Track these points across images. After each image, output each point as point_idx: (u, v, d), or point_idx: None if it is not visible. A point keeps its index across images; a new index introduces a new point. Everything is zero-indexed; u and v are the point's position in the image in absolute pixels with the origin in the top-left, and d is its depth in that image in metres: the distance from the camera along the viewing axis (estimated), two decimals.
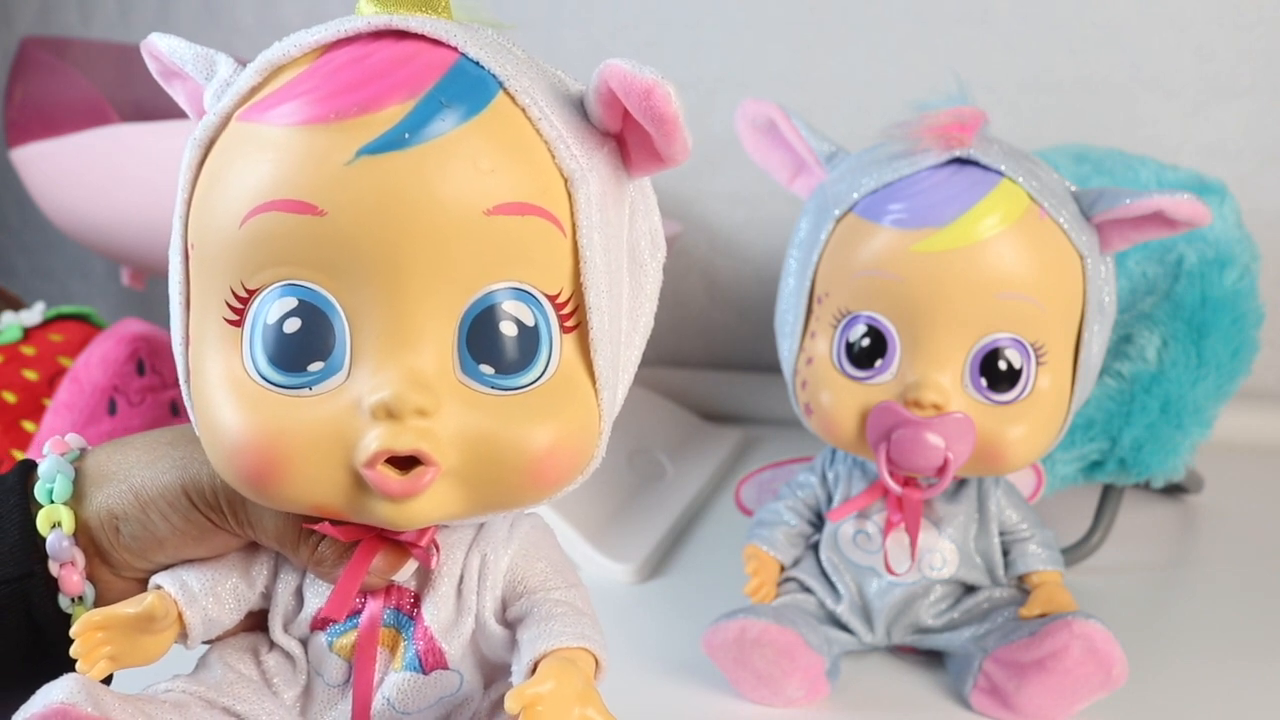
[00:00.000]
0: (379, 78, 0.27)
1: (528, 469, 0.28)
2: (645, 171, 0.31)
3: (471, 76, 0.28)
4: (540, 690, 0.28)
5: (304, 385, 0.28)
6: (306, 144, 0.27)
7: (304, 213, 0.27)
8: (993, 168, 0.43)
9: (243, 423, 0.28)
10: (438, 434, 0.27)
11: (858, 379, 0.45)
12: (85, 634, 0.29)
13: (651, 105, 0.27)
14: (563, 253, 0.29)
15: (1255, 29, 0.80)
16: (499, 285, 0.28)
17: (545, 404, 0.29)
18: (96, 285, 1.11)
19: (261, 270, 0.28)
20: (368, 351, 0.28)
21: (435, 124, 0.27)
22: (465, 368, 0.28)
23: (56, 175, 0.74)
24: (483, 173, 0.27)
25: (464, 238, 0.27)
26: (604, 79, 0.28)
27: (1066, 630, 0.42)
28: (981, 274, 0.42)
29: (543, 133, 0.28)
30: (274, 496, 0.28)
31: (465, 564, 0.33)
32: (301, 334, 0.28)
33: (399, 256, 0.27)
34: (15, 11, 1.07)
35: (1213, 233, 0.60)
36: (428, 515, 0.28)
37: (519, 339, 0.28)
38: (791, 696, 0.46)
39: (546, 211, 0.28)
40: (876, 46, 0.86)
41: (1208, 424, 0.60)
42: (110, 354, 0.56)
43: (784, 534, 0.50)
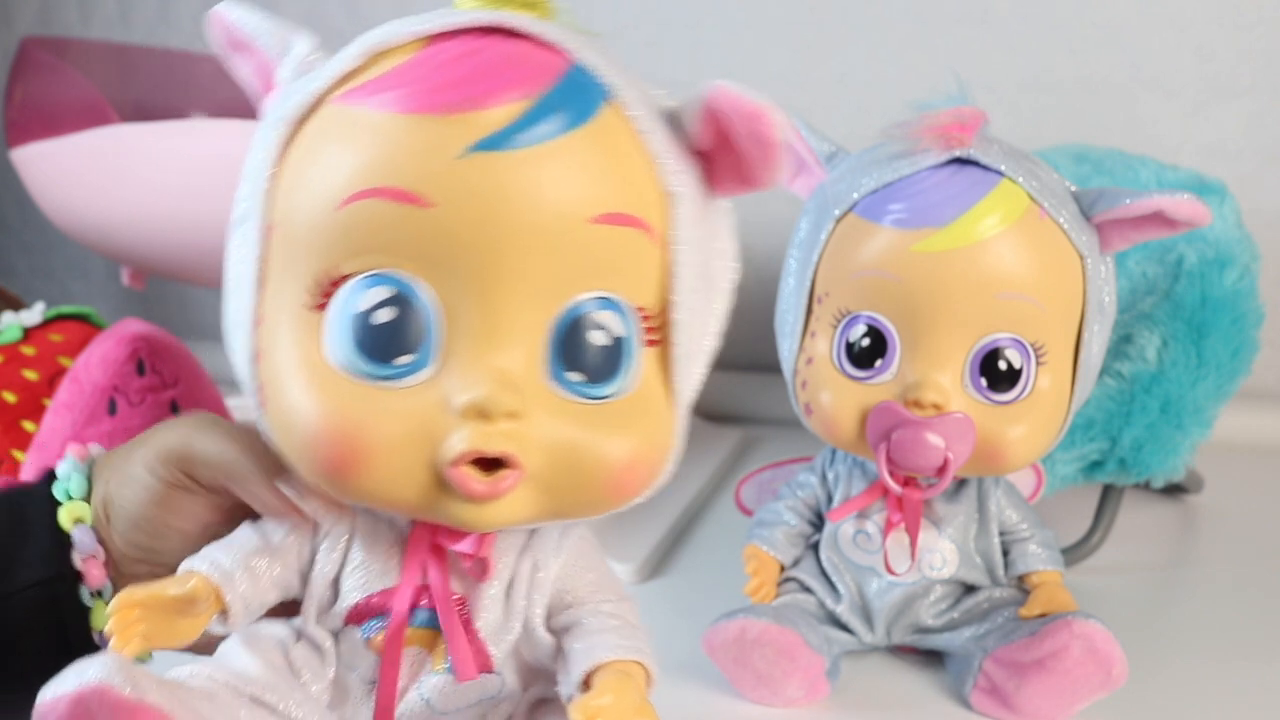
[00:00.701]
0: (492, 75, 0.27)
1: (607, 480, 0.29)
2: (729, 192, 0.31)
3: (582, 84, 0.28)
4: (602, 703, 0.28)
5: (390, 377, 0.27)
6: (416, 134, 0.27)
7: (410, 203, 0.26)
8: (993, 168, 0.43)
9: (322, 411, 0.27)
10: (525, 438, 0.27)
11: (858, 379, 0.45)
12: (122, 611, 0.28)
13: (759, 130, 0.28)
14: (655, 267, 0.29)
15: (1255, 29, 0.80)
16: (594, 294, 0.28)
17: (627, 416, 0.29)
18: (96, 285, 1.11)
19: (356, 257, 0.27)
20: (458, 349, 0.27)
21: (546, 127, 0.27)
22: (553, 373, 0.28)
23: (56, 175, 0.74)
24: (591, 181, 0.27)
25: (565, 243, 0.27)
26: (711, 98, 0.28)
27: (1066, 630, 0.42)
28: (981, 274, 0.42)
29: (647, 146, 0.29)
30: (351, 488, 0.28)
31: (516, 569, 0.33)
32: (393, 325, 0.27)
33: (501, 255, 0.27)
34: (15, 11, 1.07)
35: (1213, 233, 0.60)
36: (503, 519, 0.28)
37: (608, 349, 0.29)
38: (791, 696, 0.46)
39: (646, 224, 0.28)
40: (876, 46, 0.86)
41: (1208, 424, 0.60)
42: (110, 354, 0.56)
43: (784, 534, 0.50)
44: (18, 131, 0.77)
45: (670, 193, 0.29)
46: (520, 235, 0.27)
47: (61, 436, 0.55)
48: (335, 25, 0.98)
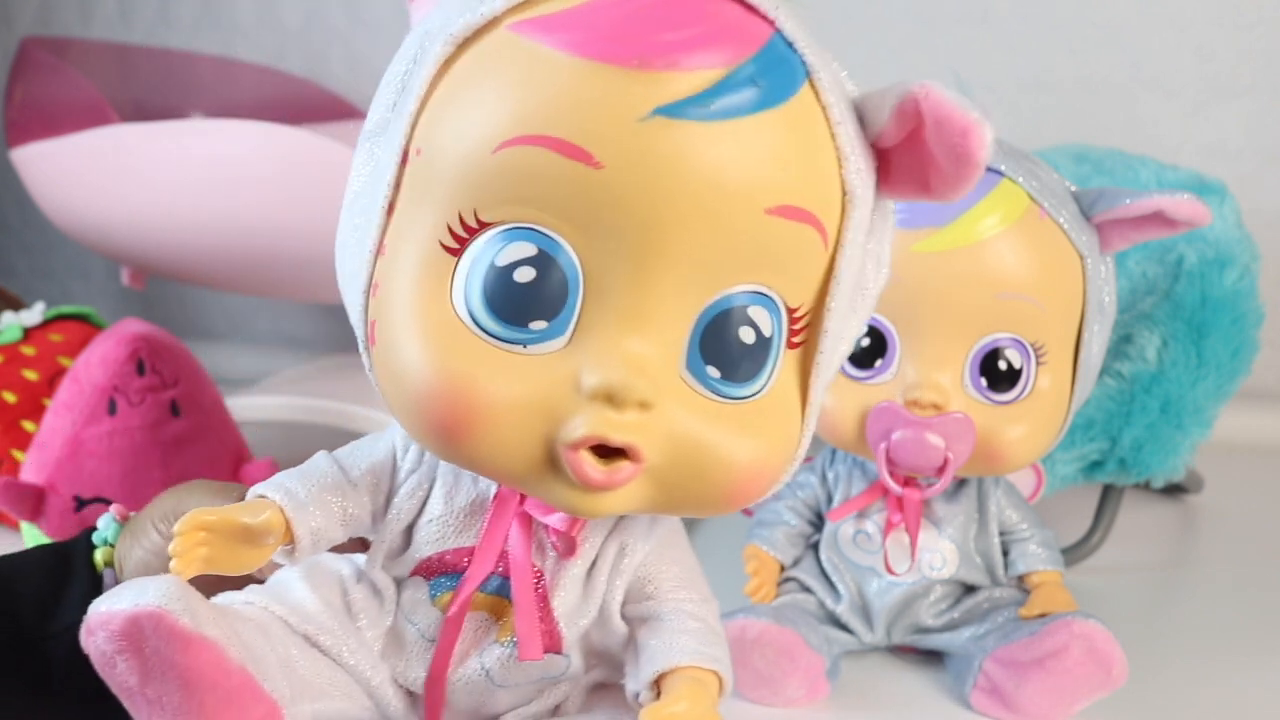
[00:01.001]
0: (688, 31, 0.24)
1: (727, 483, 0.27)
2: (898, 195, 0.29)
3: (784, 58, 0.26)
4: (676, 710, 0.28)
5: (520, 342, 0.25)
6: (596, 83, 0.24)
7: (578, 159, 0.24)
8: (993, 168, 0.43)
9: (438, 366, 0.25)
10: (652, 430, 0.25)
11: (858, 379, 0.45)
12: (188, 532, 0.27)
13: (963, 145, 0.25)
14: (818, 267, 0.27)
15: (1255, 29, 0.80)
16: (750, 287, 0.26)
17: (759, 418, 0.27)
18: (96, 285, 1.11)
19: (506, 205, 0.25)
20: (597, 324, 0.25)
21: (740, 100, 0.24)
22: (691, 365, 0.26)
23: (56, 175, 0.74)
24: (778, 168, 0.25)
25: (735, 230, 0.25)
26: (918, 99, 0.26)
27: (1066, 630, 0.42)
28: (981, 274, 0.42)
29: (837, 139, 0.26)
30: (458, 452, 0.26)
31: (602, 550, 0.31)
32: (533, 286, 0.25)
33: (663, 231, 0.25)
34: (15, 11, 1.07)
35: (1213, 233, 0.60)
36: (612, 509, 0.27)
37: (754, 347, 0.27)
38: (791, 696, 0.46)
39: (820, 223, 0.26)
40: (876, 46, 0.86)
41: (1208, 424, 0.60)
42: (110, 354, 0.56)
43: (784, 534, 0.50)
44: (18, 131, 0.77)
45: (851, 193, 0.27)
46: (689, 213, 0.24)
47: (62, 436, 0.55)
48: (335, 25, 0.98)
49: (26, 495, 0.55)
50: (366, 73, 0.98)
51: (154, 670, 0.25)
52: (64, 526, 0.55)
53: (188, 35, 1.00)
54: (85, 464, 0.55)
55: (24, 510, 0.55)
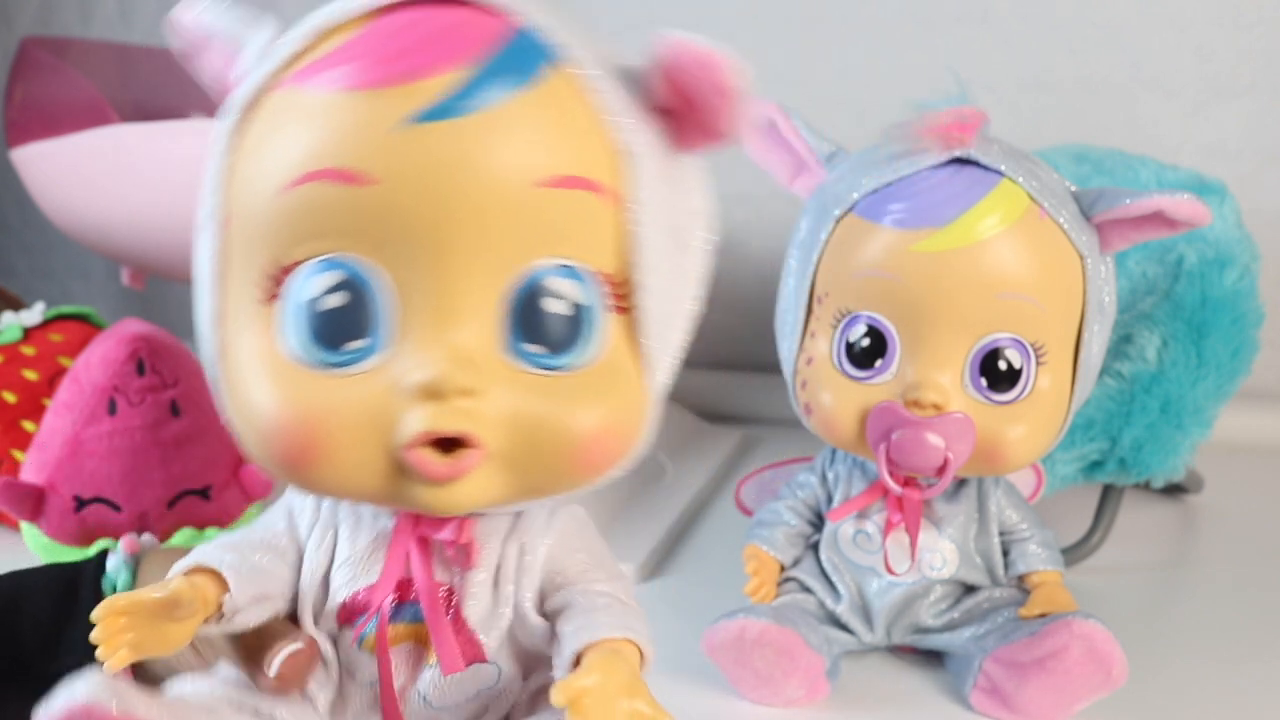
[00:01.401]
0: (432, 43, 0.26)
1: (574, 453, 0.27)
2: (696, 149, 0.30)
3: (527, 45, 0.27)
4: (586, 683, 0.27)
5: (343, 364, 0.27)
6: (356, 111, 0.26)
7: (351, 182, 0.26)
8: (993, 168, 0.43)
9: (278, 403, 0.26)
10: (483, 414, 0.26)
11: (858, 379, 0.45)
12: (107, 619, 0.27)
13: (714, 80, 0.27)
14: (614, 230, 0.28)
15: (1255, 29, 0.80)
16: (549, 261, 0.27)
17: (593, 386, 0.28)
18: (96, 285, 1.11)
19: (302, 244, 0.26)
20: (411, 329, 0.26)
21: (488, 93, 0.26)
22: (511, 347, 0.27)
23: (56, 175, 0.74)
24: (536, 145, 0.26)
25: (513, 211, 0.26)
26: (667, 51, 0.27)
27: (1066, 630, 0.42)
28: (981, 274, 0.42)
29: (599, 105, 0.27)
30: (311, 480, 0.27)
31: (502, 554, 0.32)
32: (343, 310, 0.26)
33: (447, 229, 0.26)
34: (15, 11, 1.07)
35: (1213, 233, 0.60)
36: (470, 501, 0.27)
37: (568, 318, 0.27)
38: (791, 696, 0.46)
39: (600, 186, 0.27)
40: (876, 46, 0.86)
41: (1208, 424, 0.60)
42: (110, 354, 0.56)
43: (784, 534, 0.50)
44: (18, 131, 0.77)
45: (624, 151, 0.27)
46: (465, 206, 0.26)
47: (61, 436, 0.55)
48: None
49: (26, 495, 0.55)
50: None
51: None
52: (64, 526, 0.55)
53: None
54: (85, 464, 0.55)
55: (24, 510, 0.55)
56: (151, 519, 0.56)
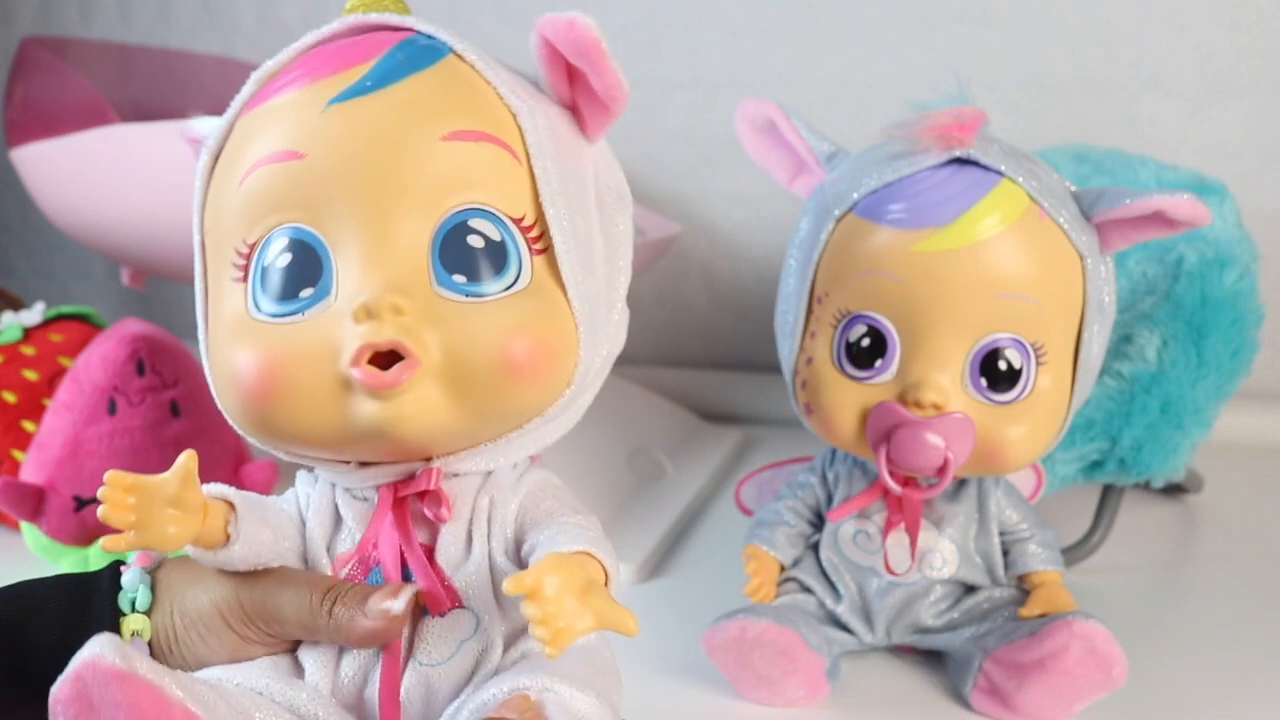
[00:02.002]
0: (350, 49, 0.32)
1: (504, 364, 0.30)
2: (598, 126, 0.34)
3: (423, 43, 0.32)
4: (540, 575, 0.27)
5: (298, 311, 0.30)
6: (288, 106, 0.31)
7: (287, 160, 0.31)
8: (993, 168, 0.43)
9: (245, 355, 0.30)
10: (417, 332, 0.29)
11: (858, 379, 0.45)
12: (115, 493, 0.30)
13: (576, 35, 0.31)
14: (521, 181, 0.32)
15: (1255, 29, 0.80)
16: (464, 206, 0.31)
17: (518, 308, 0.31)
18: (96, 285, 1.11)
19: (257, 222, 0.31)
20: (350, 273, 0.30)
21: (392, 75, 0.31)
22: (440, 279, 0.30)
23: (56, 175, 0.74)
24: (436, 106, 0.31)
25: (424, 161, 0.30)
26: (538, 31, 0.31)
27: (1066, 630, 0.42)
28: (981, 274, 0.42)
29: (489, 80, 0.32)
30: (275, 422, 0.31)
31: (474, 507, 0.34)
32: (292, 265, 0.31)
33: (369, 184, 0.30)
34: (15, 11, 1.07)
35: (1213, 233, 0.60)
36: (415, 416, 0.30)
37: (486, 250, 0.31)
38: (792, 696, 0.46)
39: (499, 139, 0.31)
40: (876, 46, 0.86)
41: (1208, 424, 0.60)
42: (110, 354, 0.56)
43: (784, 534, 0.50)
44: (18, 131, 0.77)
45: (518, 112, 0.32)
46: (383, 163, 0.30)
47: (62, 436, 0.55)
48: None
49: (26, 495, 0.55)
50: None
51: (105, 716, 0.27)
52: (64, 527, 0.55)
53: (188, 35, 1.00)
54: (85, 464, 0.55)
55: (24, 510, 0.55)
56: None
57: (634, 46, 0.91)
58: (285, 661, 0.33)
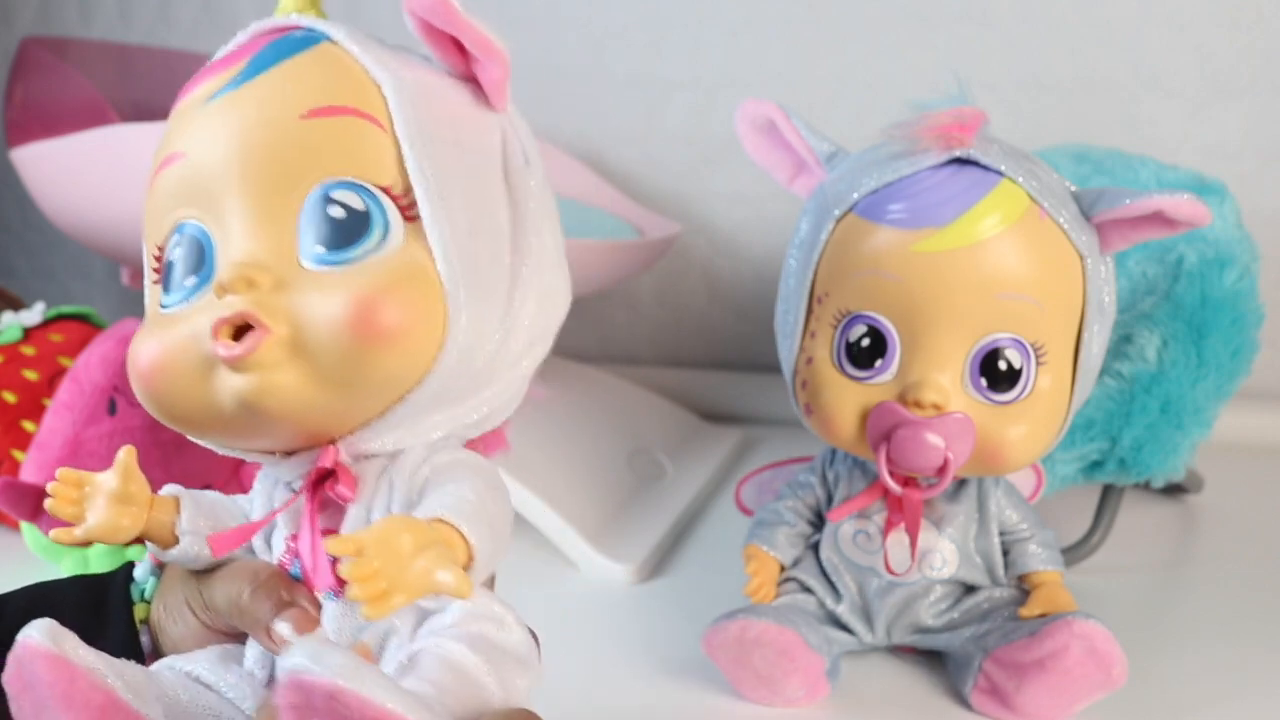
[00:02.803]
0: (236, 52, 0.33)
1: (349, 328, 0.29)
2: (496, 91, 0.34)
3: (302, 34, 0.33)
4: (364, 534, 0.26)
5: (185, 299, 0.32)
6: (180, 111, 0.33)
7: (175, 161, 0.32)
8: (993, 168, 0.43)
9: (146, 345, 0.32)
10: (271, 304, 0.30)
11: (858, 379, 0.45)
12: (63, 487, 0.32)
13: (434, 6, 0.31)
14: (387, 149, 0.32)
15: (1255, 29, 0.80)
16: (328, 180, 0.31)
17: (370, 273, 0.30)
18: (96, 285, 1.11)
19: (161, 225, 0.33)
20: (224, 257, 0.31)
21: (264, 66, 0.32)
22: (305, 252, 0.31)
23: (56, 175, 0.74)
24: (298, 87, 0.32)
25: (287, 143, 0.31)
26: (409, 10, 0.32)
27: (1066, 630, 0.42)
28: (981, 274, 0.42)
29: (360, 60, 0.32)
30: (162, 400, 0.32)
31: (375, 488, 0.33)
32: (182, 257, 0.32)
33: (237, 172, 0.31)
34: (15, 11, 1.07)
35: (1213, 233, 0.60)
36: (275, 388, 0.30)
37: (346, 220, 0.31)
38: (791, 696, 0.46)
39: (359, 111, 0.32)
40: (876, 46, 0.86)
41: (1208, 424, 0.60)
42: (110, 354, 0.56)
43: (784, 534, 0.50)
44: (18, 131, 0.77)
45: (381, 84, 0.32)
46: (248, 149, 0.31)
47: (61, 436, 0.55)
48: None
49: (26, 495, 0.55)
50: None
51: (39, 698, 0.28)
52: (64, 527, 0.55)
53: (188, 35, 1.00)
54: (85, 464, 0.55)
55: (24, 510, 0.55)
56: None
57: (634, 46, 0.91)
58: (234, 649, 0.34)
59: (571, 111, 0.93)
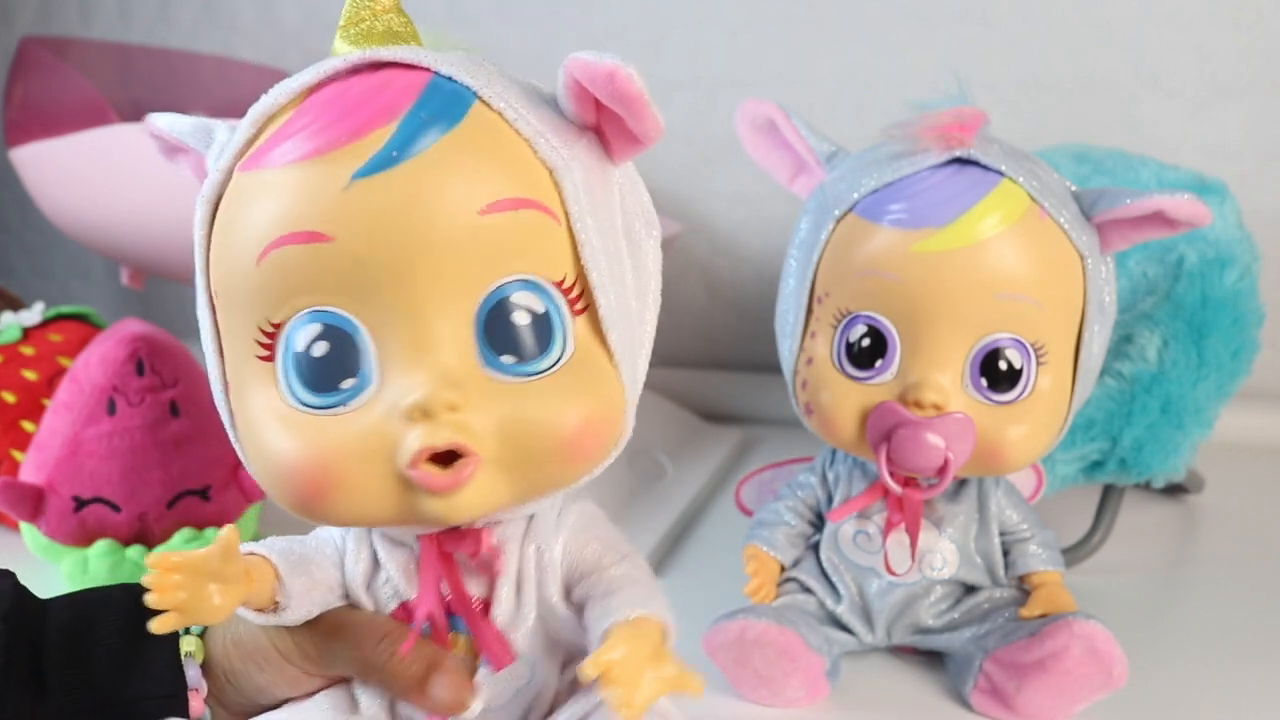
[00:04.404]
0: (361, 106, 0.29)
1: (562, 446, 0.29)
2: (626, 155, 0.32)
3: (446, 91, 0.30)
4: (613, 655, 0.28)
5: (339, 403, 0.29)
6: (305, 178, 0.28)
7: (313, 241, 0.28)
8: (993, 168, 0.43)
9: (290, 448, 0.29)
10: (472, 426, 0.28)
11: (858, 379, 0.45)
12: (162, 574, 0.29)
13: (616, 88, 0.28)
14: (560, 240, 0.30)
15: (1255, 29, 0.80)
16: (506, 279, 0.29)
17: (568, 384, 0.30)
18: (96, 285, 1.11)
19: (284, 303, 0.29)
20: (394, 361, 0.29)
21: (419, 140, 0.28)
22: (487, 361, 0.29)
23: (56, 175, 0.74)
24: (471, 177, 0.29)
25: (463, 240, 0.28)
26: (569, 72, 0.29)
27: (1067, 630, 0.42)
28: (982, 274, 0.42)
29: (521, 132, 0.30)
30: (330, 515, 0.29)
31: (521, 558, 0.33)
32: (330, 356, 0.29)
33: (407, 268, 0.28)
34: (15, 11, 1.07)
35: (1213, 233, 0.60)
36: (475, 506, 0.29)
37: (532, 327, 0.29)
38: (792, 697, 0.46)
39: (538, 203, 0.29)
40: (876, 46, 0.86)
41: (1208, 424, 0.60)
42: (110, 354, 0.56)
43: (784, 534, 0.50)
44: (18, 131, 0.77)
45: (555, 168, 0.30)
46: (418, 244, 0.28)
47: (61, 436, 0.55)
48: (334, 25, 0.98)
49: (26, 496, 0.55)
50: None
51: None
52: (63, 527, 0.55)
53: (188, 35, 1.00)
54: (85, 464, 0.55)
55: (23, 511, 0.55)
56: (151, 519, 0.55)
57: (634, 46, 0.91)
58: (342, 697, 0.34)
59: None
